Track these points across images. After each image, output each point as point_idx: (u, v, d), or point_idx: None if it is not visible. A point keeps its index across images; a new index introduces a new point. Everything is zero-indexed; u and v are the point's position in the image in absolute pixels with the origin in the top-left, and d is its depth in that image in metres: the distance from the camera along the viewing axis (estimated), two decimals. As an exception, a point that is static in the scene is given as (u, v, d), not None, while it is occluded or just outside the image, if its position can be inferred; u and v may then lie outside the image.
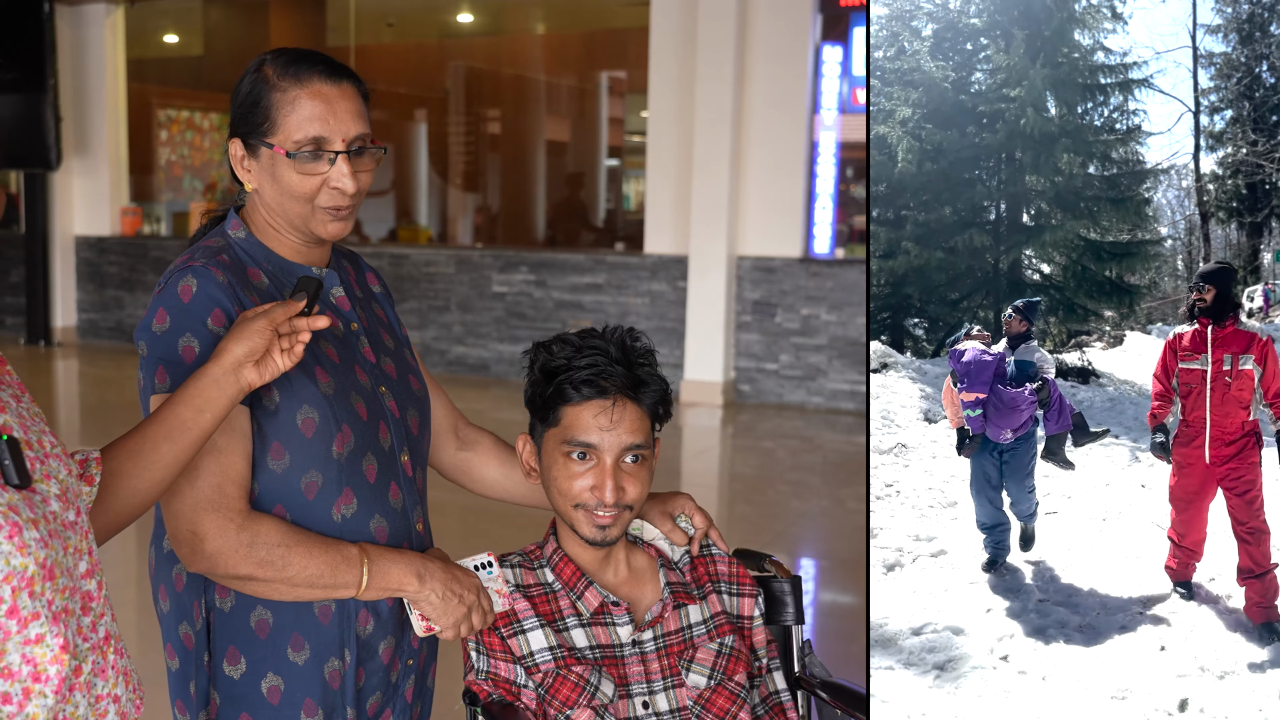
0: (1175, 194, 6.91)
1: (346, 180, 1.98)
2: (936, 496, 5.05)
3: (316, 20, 15.80)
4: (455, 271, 12.27)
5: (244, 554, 1.89)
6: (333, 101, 1.98)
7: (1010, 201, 6.66)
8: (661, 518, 2.30)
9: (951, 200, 6.69)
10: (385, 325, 2.25)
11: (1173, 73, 6.14)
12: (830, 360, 10.66)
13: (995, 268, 6.72)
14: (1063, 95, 6.39)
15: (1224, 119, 6.26)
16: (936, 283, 6.96)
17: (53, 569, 1.44)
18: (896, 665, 3.78)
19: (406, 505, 2.11)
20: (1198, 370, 4.08)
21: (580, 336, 2.16)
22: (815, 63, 10.66)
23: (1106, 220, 6.65)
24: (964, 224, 6.63)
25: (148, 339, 1.94)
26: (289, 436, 1.96)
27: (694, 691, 2.14)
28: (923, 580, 4.40)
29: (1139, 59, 6.29)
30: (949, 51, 6.85)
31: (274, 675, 1.99)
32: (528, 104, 17.65)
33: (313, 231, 2.02)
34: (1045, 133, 6.22)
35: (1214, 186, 6.42)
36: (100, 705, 1.54)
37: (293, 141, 1.96)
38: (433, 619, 2.04)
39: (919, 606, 4.18)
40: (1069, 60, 6.37)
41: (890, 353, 6.88)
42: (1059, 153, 6.29)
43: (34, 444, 1.51)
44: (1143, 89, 6.36)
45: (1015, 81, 6.15)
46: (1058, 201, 6.55)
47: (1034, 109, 6.14)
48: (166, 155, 16.29)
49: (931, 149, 6.57)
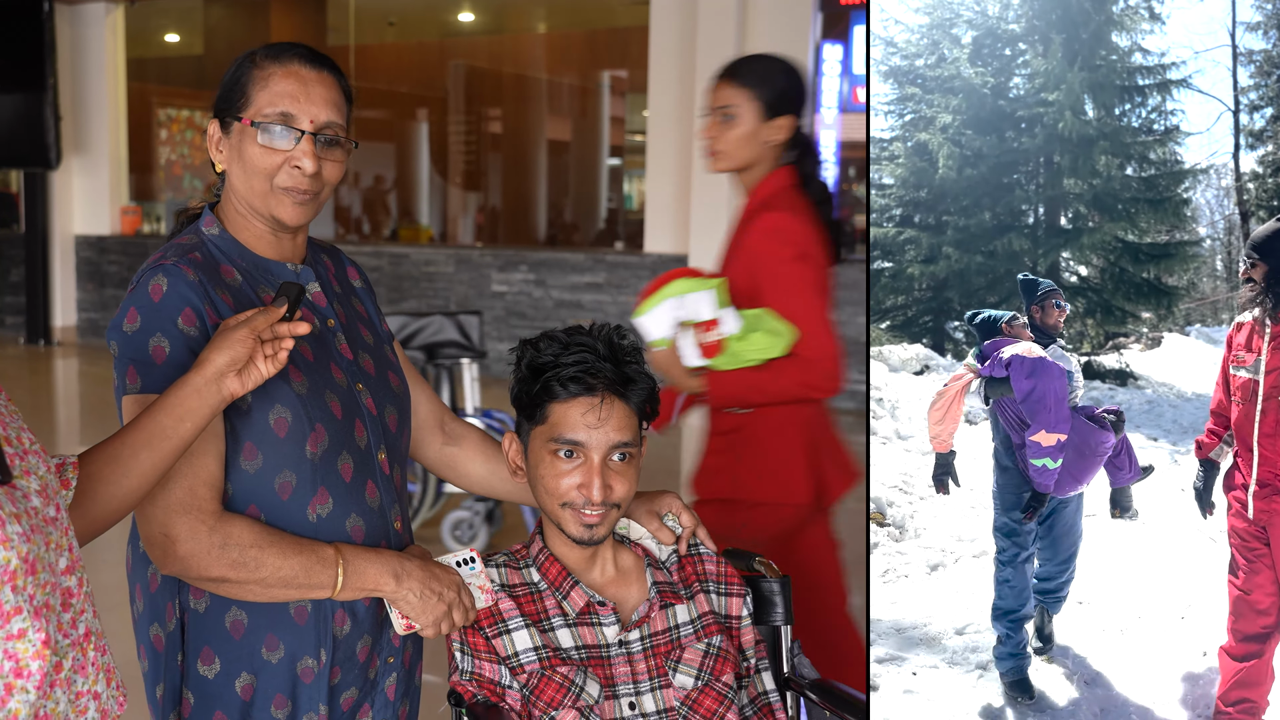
0: (1214, 194, 6.88)
1: (307, 160, 1.96)
2: (978, 497, 5.00)
3: (317, 19, 15.81)
4: (455, 271, 12.26)
5: (216, 555, 1.87)
6: (307, 83, 1.98)
7: (1049, 205, 6.65)
8: (648, 516, 2.29)
9: (991, 205, 6.69)
10: (365, 321, 2.22)
11: (1211, 72, 6.10)
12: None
13: (1034, 271, 6.72)
14: (1100, 98, 6.37)
15: (1264, 117, 6.21)
16: (976, 286, 6.97)
17: (35, 564, 1.44)
18: (941, 664, 3.76)
19: (384, 504, 2.09)
20: (1247, 380, 3.05)
21: (567, 334, 2.14)
22: (816, 61, 10.65)
23: (1144, 221, 6.63)
24: (1003, 228, 6.63)
25: (119, 339, 1.92)
26: (261, 436, 1.94)
27: (681, 692, 2.12)
28: (965, 580, 4.33)
29: (1177, 59, 6.26)
30: (988, 57, 6.86)
31: (247, 674, 1.98)
32: (528, 103, 17.66)
33: (273, 215, 2.00)
34: (1083, 135, 6.21)
35: (1254, 185, 6.38)
36: (80, 702, 1.54)
37: (261, 114, 1.96)
38: (411, 617, 2.03)
39: (961, 606, 4.10)
40: (1107, 63, 6.36)
41: (932, 355, 6.89)
42: (1097, 155, 6.28)
43: (13, 440, 1.50)
44: (1181, 89, 6.34)
45: (1053, 85, 6.14)
46: (1095, 204, 6.54)
47: (1072, 112, 6.12)
48: (166, 154, 16.32)
49: (971, 154, 6.59)
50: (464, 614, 2.06)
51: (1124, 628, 4.03)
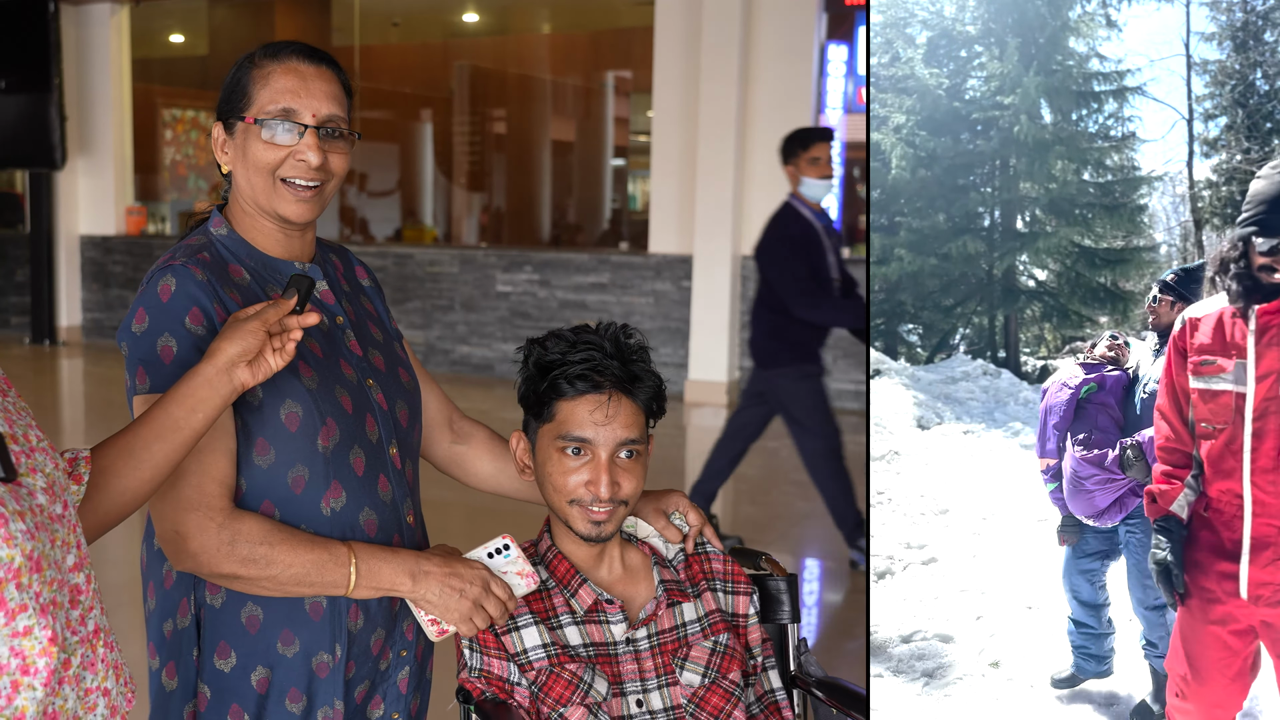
0: (1170, 201, 6.89)
1: (311, 154, 1.97)
2: (928, 504, 4.99)
3: (322, 20, 15.82)
4: (460, 271, 12.26)
5: (226, 552, 1.88)
6: (307, 79, 1.99)
7: (1004, 208, 6.66)
8: (655, 514, 2.29)
9: (945, 207, 6.69)
10: (374, 318, 2.24)
11: (1166, 80, 6.13)
12: (835, 360, 10.63)
13: (989, 274, 6.71)
14: (1057, 102, 6.38)
15: (1218, 126, 6.24)
16: (930, 289, 6.96)
17: (40, 561, 1.43)
18: (886, 673, 3.75)
19: (396, 497, 2.10)
20: (1225, 394, 2.32)
21: (574, 332, 2.15)
22: (820, 62, 10.65)
23: (1101, 227, 6.63)
24: (958, 230, 6.62)
25: (129, 340, 1.94)
26: (273, 432, 1.95)
27: (688, 690, 2.13)
28: (913, 588, 4.34)
29: (1133, 66, 6.28)
30: (943, 58, 6.85)
31: (263, 668, 1.99)
32: (533, 104, 17.66)
33: (277, 211, 2.01)
34: (1039, 140, 6.22)
35: (1208, 193, 6.40)
36: (89, 698, 1.54)
37: (264, 111, 1.98)
38: (439, 617, 2.01)
39: (909, 614, 4.12)
40: (1063, 68, 6.37)
41: (884, 359, 6.87)
42: (1053, 160, 6.28)
43: (19, 438, 1.50)
44: (1137, 96, 6.35)
45: (1009, 89, 6.15)
46: (1052, 208, 6.54)
47: (1028, 116, 6.13)
48: (171, 155, 16.32)
49: (925, 155, 6.59)
50: (499, 606, 2.03)
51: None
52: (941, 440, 5.96)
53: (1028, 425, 6.10)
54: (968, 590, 4.31)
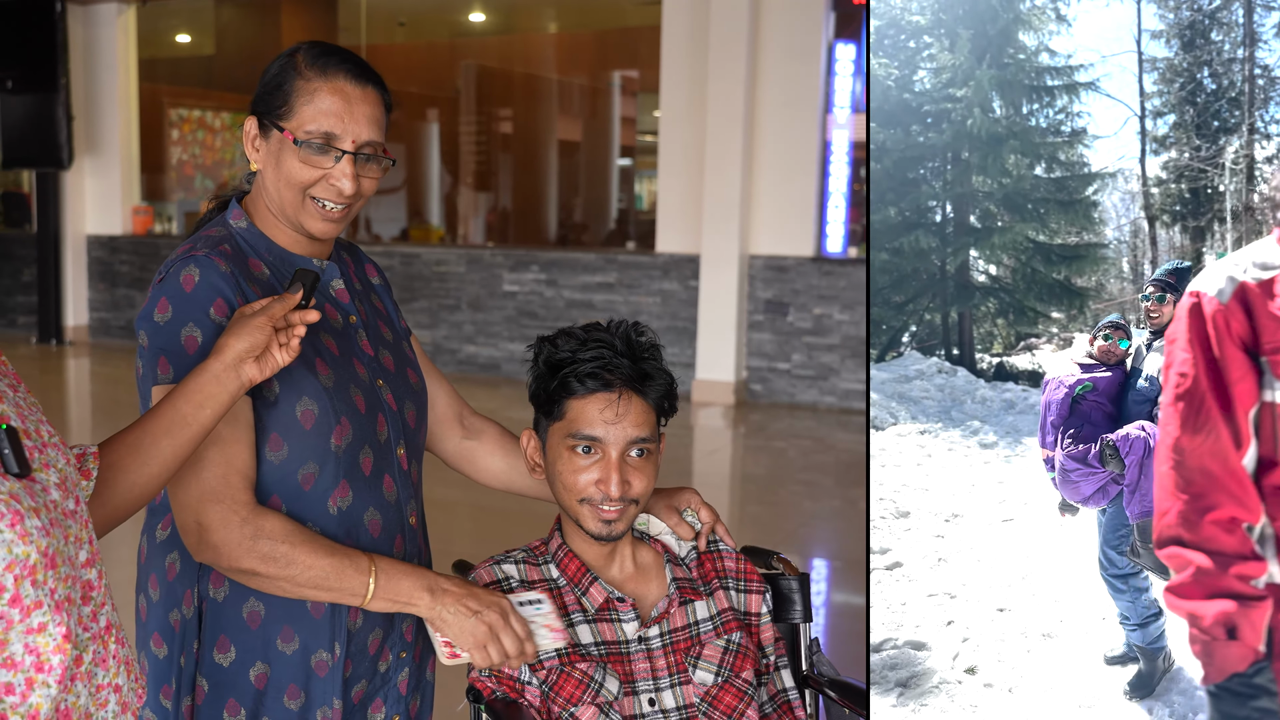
0: (1121, 197, 6.85)
1: (346, 181, 1.96)
2: (888, 508, 4.90)
3: (328, 20, 15.83)
4: (466, 270, 12.26)
5: (248, 547, 1.87)
6: (352, 101, 1.97)
7: (957, 202, 6.56)
8: (668, 511, 2.28)
9: (896, 200, 6.61)
10: (384, 318, 2.24)
11: (1119, 77, 6.08)
12: (843, 360, 10.63)
13: (942, 269, 6.63)
14: (1009, 96, 6.29)
15: (1167, 124, 6.20)
16: (880, 285, 6.90)
17: (54, 557, 1.43)
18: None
19: (400, 498, 2.10)
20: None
21: (585, 330, 2.15)
22: (828, 61, 10.63)
23: (1055, 222, 6.55)
24: (909, 225, 6.55)
25: (149, 328, 1.92)
26: (288, 428, 1.95)
27: (701, 688, 2.12)
28: (879, 595, 4.25)
29: (1085, 62, 6.21)
30: (891, 49, 6.78)
31: (262, 663, 1.99)
32: (539, 103, 17.67)
33: (302, 225, 2.01)
34: (993, 133, 6.12)
35: (1158, 190, 6.36)
36: (101, 694, 1.53)
37: (304, 130, 1.96)
38: (453, 640, 1.97)
39: (877, 622, 4.02)
40: (1015, 61, 6.27)
41: None
42: (1006, 154, 6.19)
43: (32, 433, 1.50)
44: (1089, 92, 6.28)
45: (961, 81, 6.06)
46: (1006, 203, 6.45)
47: (981, 109, 6.04)
48: (178, 154, 16.34)
49: (875, 149, 6.52)
50: (515, 643, 1.97)
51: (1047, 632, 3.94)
52: (898, 441, 5.88)
53: (986, 423, 5.99)
54: (936, 595, 4.21)
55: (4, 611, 1.39)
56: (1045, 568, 4.30)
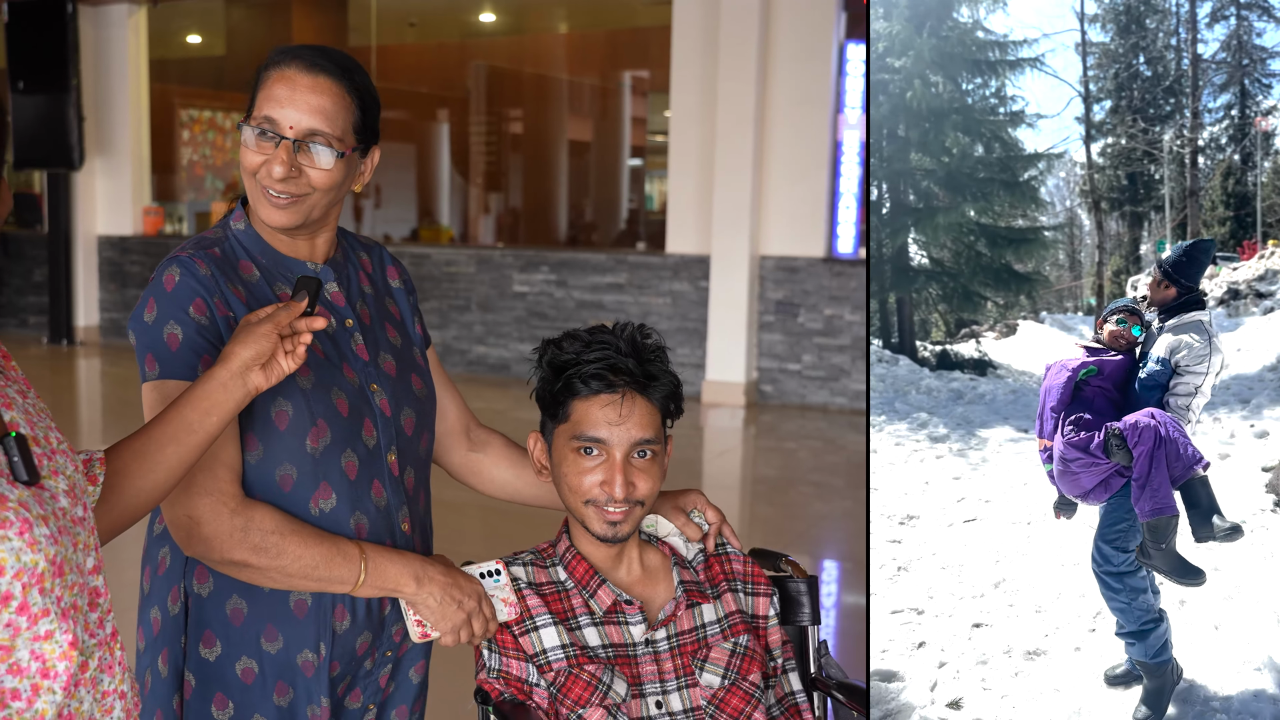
0: (1060, 180, 6.74)
1: (277, 167, 1.97)
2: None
3: (338, 20, 15.85)
4: (476, 271, 12.27)
5: (238, 539, 1.90)
6: (297, 89, 1.99)
7: (892, 181, 6.37)
8: (674, 512, 2.28)
9: None
10: (395, 322, 2.23)
11: (1063, 54, 5.89)
12: (853, 360, 10.61)
13: (879, 252, 6.46)
14: (950, 69, 6.07)
15: (1104, 109, 6.10)
16: None
17: (62, 565, 1.44)
18: None
19: (391, 504, 2.10)
20: None
21: (590, 332, 2.15)
22: (839, 61, 10.62)
23: (1000, 204, 6.36)
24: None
25: (138, 328, 1.98)
26: (262, 428, 1.98)
27: (708, 691, 2.12)
28: None
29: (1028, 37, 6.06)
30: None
31: (248, 659, 2.01)
32: (550, 103, 17.68)
33: (259, 213, 2.04)
34: (934, 108, 5.88)
35: (1098, 176, 6.28)
36: (106, 701, 1.53)
37: (253, 118, 2.00)
38: (429, 623, 2.04)
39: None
40: (955, 33, 6.04)
41: None
42: (948, 130, 5.98)
43: (41, 440, 1.50)
44: (1033, 69, 6.10)
45: (900, 50, 5.84)
46: (947, 183, 6.23)
47: (921, 81, 5.81)
48: (188, 155, 16.36)
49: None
50: (483, 624, 2.07)
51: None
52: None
53: (934, 415, 5.74)
54: (901, 611, 3.77)
55: (12, 619, 1.39)
56: (1020, 572, 3.90)
